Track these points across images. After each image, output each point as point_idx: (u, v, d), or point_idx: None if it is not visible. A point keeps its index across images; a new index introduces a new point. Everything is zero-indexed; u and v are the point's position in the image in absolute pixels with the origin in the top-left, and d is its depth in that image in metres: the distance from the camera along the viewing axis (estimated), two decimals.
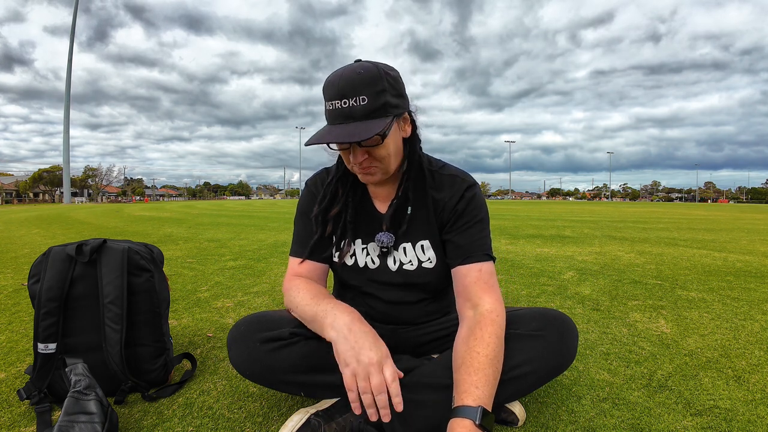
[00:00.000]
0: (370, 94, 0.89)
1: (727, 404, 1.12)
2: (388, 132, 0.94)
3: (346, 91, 0.88)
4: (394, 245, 1.08)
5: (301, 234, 1.14)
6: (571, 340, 1.03)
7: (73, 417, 0.93)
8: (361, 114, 0.89)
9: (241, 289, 2.46)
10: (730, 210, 20.59)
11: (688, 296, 2.30)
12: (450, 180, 1.08)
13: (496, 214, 12.39)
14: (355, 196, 1.12)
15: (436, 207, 1.08)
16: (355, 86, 0.88)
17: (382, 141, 0.94)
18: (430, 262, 1.07)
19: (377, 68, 0.92)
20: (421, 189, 1.09)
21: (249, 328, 1.03)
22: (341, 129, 0.90)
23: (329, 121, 0.93)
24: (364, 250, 1.11)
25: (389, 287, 1.11)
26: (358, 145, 0.94)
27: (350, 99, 0.88)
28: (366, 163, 0.97)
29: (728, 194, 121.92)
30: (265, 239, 5.11)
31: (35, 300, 1.13)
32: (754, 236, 5.76)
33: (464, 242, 1.02)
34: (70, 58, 47.91)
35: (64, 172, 48.52)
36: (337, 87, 0.89)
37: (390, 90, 0.92)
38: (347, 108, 0.89)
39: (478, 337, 0.90)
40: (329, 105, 0.91)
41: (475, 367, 0.85)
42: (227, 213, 12.90)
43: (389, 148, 0.97)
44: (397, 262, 1.09)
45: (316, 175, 1.20)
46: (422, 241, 1.08)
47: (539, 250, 4.12)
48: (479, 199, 1.07)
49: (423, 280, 1.08)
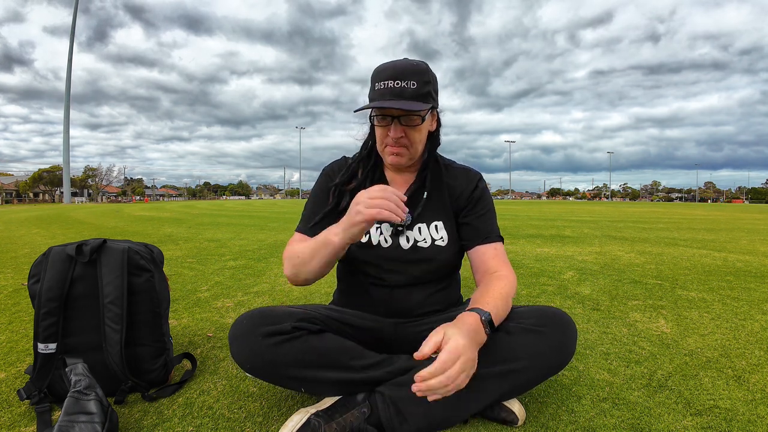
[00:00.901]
0: (419, 81, 1.03)
1: (727, 404, 1.12)
2: (426, 117, 1.07)
3: (400, 75, 1.02)
4: (410, 225, 1.15)
5: (309, 212, 1.20)
6: (570, 338, 1.05)
7: (73, 417, 0.93)
8: (409, 95, 1.02)
9: (241, 289, 2.46)
10: (730, 210, 20.59)
11: (688, 296, 2.30)
12: (463, 171, 1.23)
13: (497, 214, 12.39)
14: (374, 177, 1.20)
15: (451, 193, 1.19)
16: (407, 72, 1.03)
17: (421, 122, 1.07)
18: (443, 240, 1.15)
19: (426, 64, 1.07)
20: (437, 178, 1.21)
21: (251, 322, 1.04)
22: (392, 102, 1.02)
23: (377, 99, 1.04)
24: (378, 229, 1.16)
25: (399, 266, 1.14)
26: (399, 122, 1.05)
27: (402, 81, 1.02)
28: (401, 141, 1.07)
29: (728, 194, 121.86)
30: (265, 239, 5.11)
31: (35, 300, 1.13)
32: (754, 236, 5.76)
33: (482, 226, 1.16)
34: (70, 58, 47.91)
35: (64, 172, 48.51)
36: (392, 70, 1.03)
37: (432, 84, 1.08)
38: (399, 88, 1.02)
39: (494, 280, 1.05)
40: (381, 84, 1.03)
41: (491, 294, 1.00)
42: (227, 213, 12.91)
43: (422, 133, 1.10)
44: (411, 240, 1.15)
45: (334, 161, 1.27)
46: (436, 222, 1.17)
47: (539, 250, 4.12)
48: (488, 190, 1.24)
49: (435, 257, 1.14)
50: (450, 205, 1.18)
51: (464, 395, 0.99)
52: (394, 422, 0.96)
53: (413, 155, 1.12)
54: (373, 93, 1.06)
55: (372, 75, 1.09)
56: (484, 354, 1.01)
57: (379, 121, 1.08)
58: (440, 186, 1.20)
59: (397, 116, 1.05)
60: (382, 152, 1.14)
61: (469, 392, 0.99)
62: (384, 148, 1.11)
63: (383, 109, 1.05)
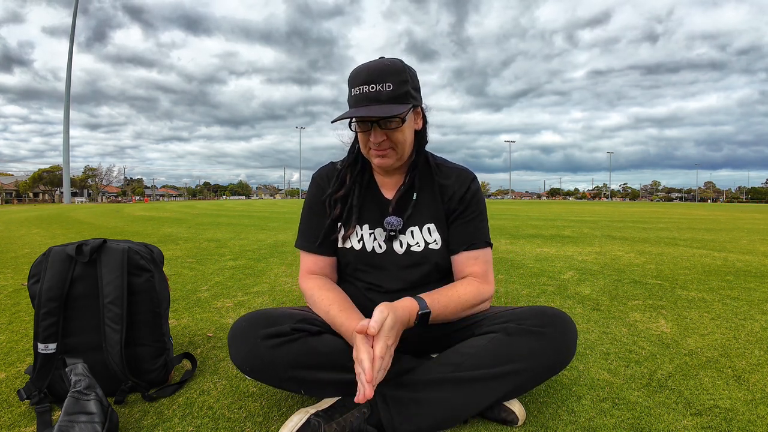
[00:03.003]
0: (394, 82, 1.00)
1: (727, 404, 1.12)
2: (406, 118, 1.05)
3: (374, 78, 1.00)
4: (402, 229, 1.14)
5: (306, 226, 1.21)
6: (570, 338, 1.05)
7: (73, 417, 0.93)
8: (386, 98, 1.00)
9: (241, 289, 2.46)
10: (730, 210, 20.60)
11: (688, 296, 2.30)
12: (456, 171, 1.19)
13: (496, 214, 12.40)
14: (362, 182, 1.19)
15: (443, 193, 1.17)
16: (382, 74, 1.00)
17: (402, 124, 1.05)
18: (436, 243, 1.15)
19: (401, 62, 1.05)
20: (427, 177, 1.19)
21: (250, 324, 1.04)
22: (367, 109, 1.00)
23: (354, 105, 1.02)
24: (372, 235, 1.16)
25: (394, 272, 1.14)
26: (379, 126, 1.03)
27: (377, 84, 0.99)
28: (384, 145, 1.06)
29: (728, 194, 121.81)
30: (265, 239, 5.11)
31: (35, 300, 1.13)
32: (754, 236, 5.76)
33: (470, 231, 1.14)
34: (70, 58, 47.89)
35: (64, 172, 48.50)
36: (366, 74, 1.01)
37: (411, 82, 1.04)
38: (374, 92, 1.00)
39: (460, 283, 1.10)
40: (356, 90, 1.01)
41: (445, 293, 1.06)
42: (227, 213, 12.90)
43: (405, 133, 1.08)
44: (404, 245, 1.14)
45: (322, 167, 1.26)
46: (428, 224, 1.16)
47: (539, 250, 4.12)
48: (481, 191, 1.22)
49: (430, 260, 1.14)
50: (442, 206, 1.16)
51: (465, 396, 0.99)
52: (395, 422, 0.96)
53: (400, 156, 1.10)
54: (350, 99, 1.04)
55: (348, 79, 1.06)
56: (484, 355, 1.01)
57: (359, 127, 1.07)
58: (431, 186, 1.18)
59: (375, 120, 1.03)
60: (367, 156, 1.13)
61: (470, 393, 0.99)
62: (368, 151, 1.10)
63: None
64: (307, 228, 1.21)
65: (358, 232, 1.16)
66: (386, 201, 1.18)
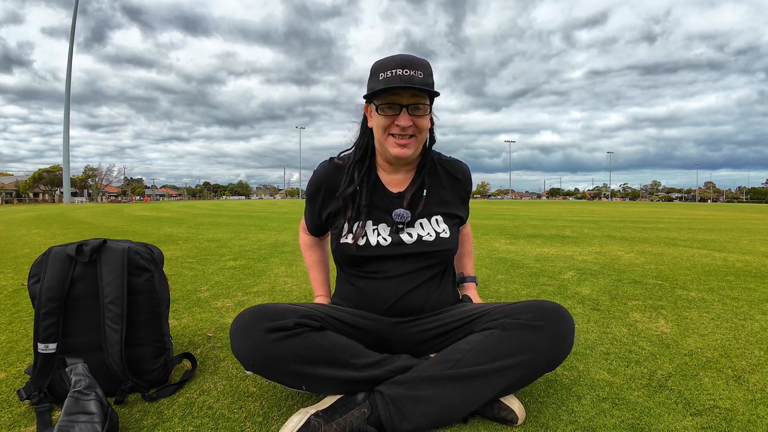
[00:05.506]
0: (424, 72, 1.08)
1: (727, 404, 1.12)
2: (431, 107, 1.13)
3: (408, 64, 1.06)
4: (411, 222, 1.18)
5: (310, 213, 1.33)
6: (568, 332, 1.05)
7: (73, 417, 0.93)
8: (419, 82, 1.06)
9: (241, 289, 2.46)
10: (730, 210, 20.60)
11: (688, 296, 2.30)
12: (459, 165, 1.31)
13: (496, 214, 12.39)
14: (368, 179, 1.22)
15: (455, 186, 1.28)
16: (414, 63, 1.07)
17: (428, 112, 1.12)
18: (446, 232, 1.21)
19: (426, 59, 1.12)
20: (433, 172, 1.26)
21: (253, 317, 1.04)
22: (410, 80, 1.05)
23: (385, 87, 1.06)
24: (375, 230, 1.18)
25: (401, 263, 1.16)
26: (408, 111, 1.08)
27: (410, 70, 1.06)
28: (409, 131, 1.10)
29: (728, 194, 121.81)
30: (265, 239, 5.11)
31: (35, 300, 1.13)
32: (754, 236, 5.76)
33: (466, 214, 1.32)
34: (70, 58, 47.88)
35: (64, 172, 48.50)
36: (400, 59, 1.07)
37: (432, 77, 1.12)
38: (408, 75, 1.05)
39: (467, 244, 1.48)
40: (388, 73, 1.05)
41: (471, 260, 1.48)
42: (227, 213, 12.90)
43: (428, 122, 1.14)
44: (414, 235, 1.18)
45: (322, 164, 1.30)
46: (436, 216, 1.22)
47: (539, 250, 4.12)
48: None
49: (442, 248, 1.19)
50: (453, 197, 1.27)
51: (464, 392, 0.99)
52: (394, 421, 0.96)
53: (418, 146, 1.16)
54: (378, 83, 1.06)
55: (374, 67, 1.09)
56: (482, 351, 1.02)
57: (385, 110, 1.09)
58: (438, 180, 1.25)
59: (405, 105, 1.07)
60: (383, 145, 1.14)
61: (469, 389, 1.00)
62: (387, 138, 1.12)
63: (392, 97, 1.06)
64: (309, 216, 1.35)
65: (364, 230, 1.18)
66: (393, 196, 1.22)
